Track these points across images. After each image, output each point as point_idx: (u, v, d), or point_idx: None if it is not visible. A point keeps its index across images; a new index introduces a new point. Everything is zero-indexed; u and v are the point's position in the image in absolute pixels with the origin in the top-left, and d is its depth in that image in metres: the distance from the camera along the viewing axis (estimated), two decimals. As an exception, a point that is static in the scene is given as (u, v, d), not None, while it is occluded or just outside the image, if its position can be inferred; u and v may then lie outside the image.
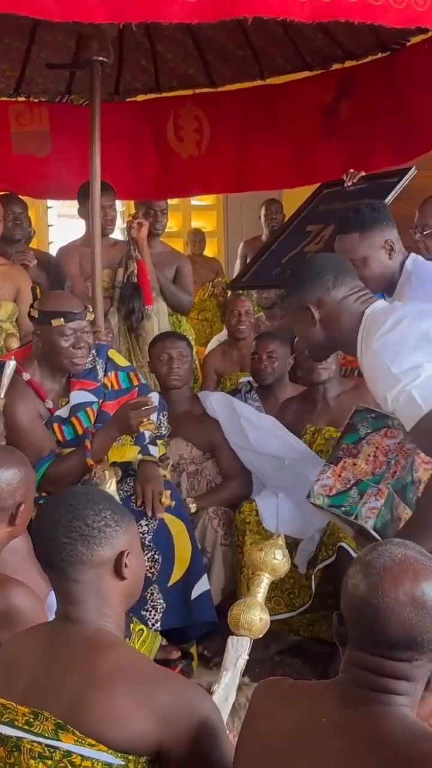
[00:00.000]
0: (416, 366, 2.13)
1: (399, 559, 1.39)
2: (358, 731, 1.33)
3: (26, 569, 2.17)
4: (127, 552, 1.60)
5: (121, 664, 1.50)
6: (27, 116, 4.61)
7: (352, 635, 1.41)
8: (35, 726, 1.46)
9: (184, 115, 4.76)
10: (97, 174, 3.72)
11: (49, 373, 3.05)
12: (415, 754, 1.28)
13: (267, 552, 2.04)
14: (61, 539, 1.56)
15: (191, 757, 1.48)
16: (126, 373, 3.20)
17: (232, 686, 1.92)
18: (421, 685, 1.40)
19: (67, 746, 1.43)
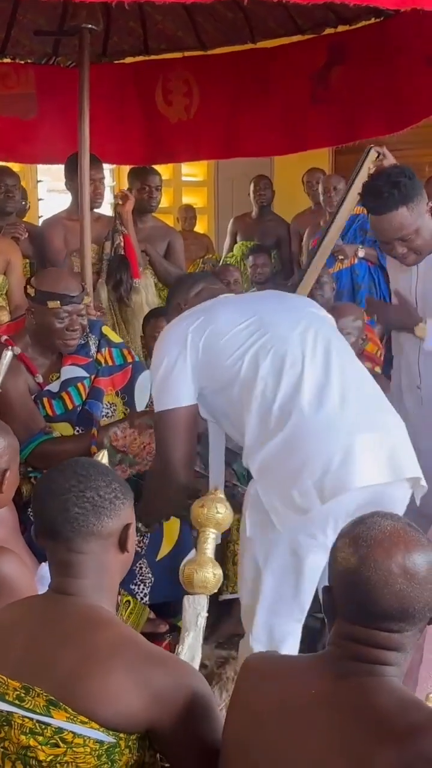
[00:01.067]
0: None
1: (389, 531, 1.41)
2: (348, 703, 1.35)
3: (13, 542, 2.18)
4: (131, 524, 1.61)
5: (117, 641, 1.51)
6: (13, 78, 4.53)
7: (343, 608, 1.42)
8: (26, 701, 1.47)
9: (173, 78, 4.70)
10: (86, 143, 3.67)
11: (39, 349, 3.04)
12: (405, 724, 1.30)
13: (209, 507, 2.05)
14: (73, 509, 1.55)
15: (182, 734, 1.49)
16: (119, 350, 3.19)
17: (196, 645, 1.93)
18: (410, 654, 1.42)
19: (59, 723, 1.44)
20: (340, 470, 2.11)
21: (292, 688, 1.42)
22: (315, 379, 2.24)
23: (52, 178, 6.39)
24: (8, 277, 3.80)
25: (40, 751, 1.44)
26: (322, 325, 2.46)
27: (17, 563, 1.95)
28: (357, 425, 2.19)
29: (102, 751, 1.45)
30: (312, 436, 2.16)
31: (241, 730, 1.43)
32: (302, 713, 1.37)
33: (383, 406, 2.34)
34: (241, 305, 2.45)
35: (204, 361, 2.31)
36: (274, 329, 2.33)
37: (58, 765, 1.45)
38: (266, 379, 2.24)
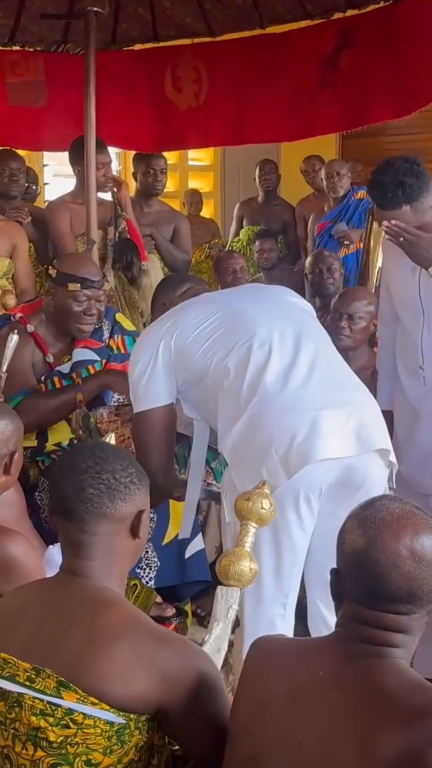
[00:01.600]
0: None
1: (397, 514, 1.41)
2: (355, 684, 1.35)
3: (21, 525, 2.19)
4: (145, 511, 1.62)
5: (125, 622, 1.51)
6: (22, 66, 4.53)
7: (350, 590, 1.42)
8: (37, 683, 1.47)
9: (182, 65, 4.67)
10: (92, 125, 3.68)
11: (54, 332, 3.06)
12: (412, 706, 1.30)
13: (254, 501, 2.01)
14: (88, 489, 1.56)
15: (191, 714, 1.49)
16: (132, 338, 3.21)
17: (224, 637, 1.91)
18: (418, 636, 1.42)
19: (69, 704, 1.44)
20: (304, 443, 2.11)
21: (300, 670, 1.42)
22: (282, 360, 2.25)
23: (58, 163, 6.38)
24: (14, 261, 3.80)
25: (50, 732, 1.45)
26: (295, 310, 2.47)
27: (25, 545, 1.96)
28: (323, 402, 2.19)
29: (112, 732, 1.45)
30: (276, 413, 2.17)
31: (249, 712, 1.44)
32: (310, 695, 1.38)
33: (353, 383, 2.34)
34: (211, 301, 2.48)
35: (178, 358, 2.35)
36: (242, 318, 2.35)
37: (68, 746, 1.45)
38: (235, 363, 2.26)
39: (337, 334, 3.30)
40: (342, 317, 3.36)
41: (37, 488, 2.99)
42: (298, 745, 1.35)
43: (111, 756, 1.46)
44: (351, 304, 3.37)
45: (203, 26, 4.53)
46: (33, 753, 1.47)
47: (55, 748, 1.46)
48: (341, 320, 3.35)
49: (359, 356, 3.39)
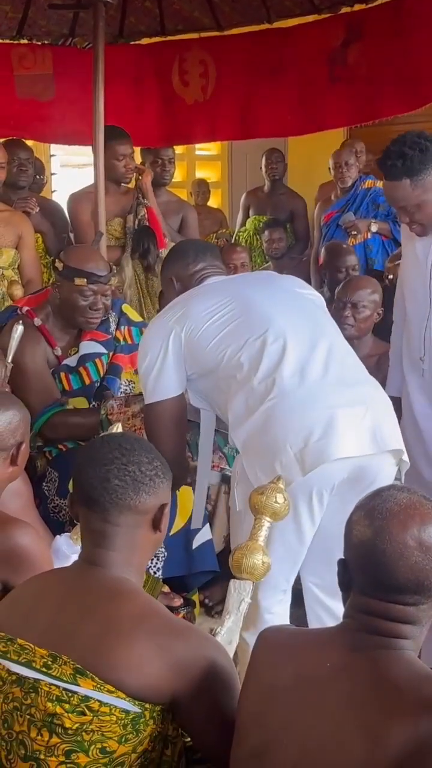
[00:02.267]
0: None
1: (404, 504, 1.40)
2: (363, 675, 1.35)
3: (28, 515, 2.19)
4: (167, 505, 1.62)
5: (141, 612, 1.51)
6: (30, 59, 4.52)
7: (358, 581, 1.42)
8: (53, 669, 1.48)
9: (190, 59, 4.66)
10: (100, 118, 3.68)
11: (60, 323, 3.06)
12: (420, 698, 1.29)
13: (268, 496, 2.01)
14: (114, 480, 1.56)
15: (203, 705, 1.50)
16: (139, 329, 3.22)
17: (236, 629, 1.92)
18: (426, 627, 1.42)
19: (86, 691, 1.45)
20: (320, 442, 2.12)
21: (308, 660, 1.42)
22: (297, 353, 2.25)
23: (65, 153, 6.37)
24: (20, 251, 3.79)
25: (66, 718, 1.46)
26: (307, 302, 2.47)
27: (33, 535, 1.95)
28: (339, 399, 2.19)
29: (127, 721, 1.46)
30: (293, 410, 2.17)
31: (256, 702, 1.44)
32: (317, 686, 1.37)
33: (367, 379, 2.34)
34: (222, 291, 2.44)
35: (188, 350, 2.34)
36: (254, 311, 2.34)
37: (83, 733, 1.46)
38: (249, 357, 2.26)
39: (341, 323, 3.29)
40: (346, 306, 3.35)
41: (45, 478, 3.00)
42: (306, 735, 1.35)
43: (126, 745, 1.47)
44: (355, 292, 3.37)
45: (211, 20, 4.53)
46: (48, 739, 1.48)
47: (70, 734, 1.47)
48: (345, 309, 3.35)
49: (363, 345, 3.39)
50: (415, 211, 2.61)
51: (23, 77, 4.51)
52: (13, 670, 1.51)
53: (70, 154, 6.26)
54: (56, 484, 2.95)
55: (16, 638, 1.53)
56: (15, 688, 1.51)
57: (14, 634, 1.54)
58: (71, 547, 2.12)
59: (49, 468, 3.01)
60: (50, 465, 3.02)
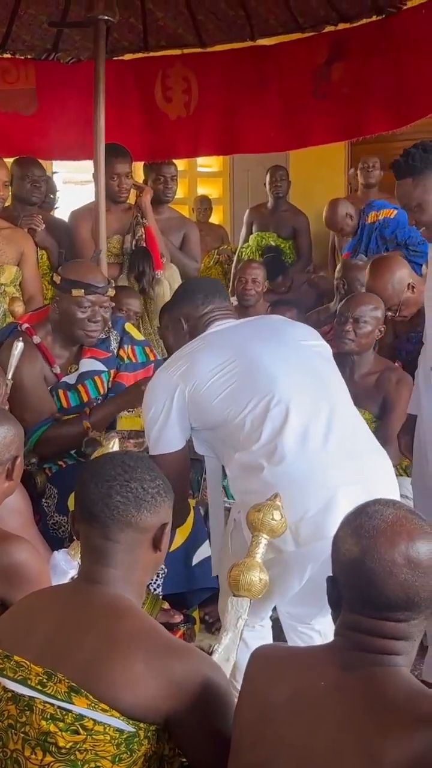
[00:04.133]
0: None
1: (391, 520, 1.40)
2: (357, 693, 1.35)
3: (28, 532, 2.18)
4: (168, 524, 1.62)
5: (139, 630, 1.51)
6: (13, 74, 4.54)
7: (347, 598, 1.42)
8: (48, 687, 1.47)
9: (173, 75, 4.69)
10: (101, 134, 3.71)
11: (61, 340, 3.06)
12: (414, 714, 1.30)
13: (265, 513, 2.04)
14: (116, 497, 1.57)
15: (198, 724, 1.49)
16: (142, 347, 3.24)
17: (233, 647, 1.94)
18: (417, 642, 1.42)
19: (80, 710, 1.44)
20: (317, 517, 2.12)
21: (302, 679, 1.42)
22: (300, 418, 2.24)
23: (68, 170, 6.36)
24: (22, 268, 3.81)
25: (59, 737, 1.45)
26: (313, 356, 2.45)
27: (31, 551, 1.96)
28: (338, 476, 2.19)
29: (121, 740, 1.45)
30: (292, 482, 2.17)
31: (251, 721, 1.43)
32: (312, 704, 1.37)
33: (367, 446, 2.33)
34: (226, 344, 2.42)
35: (192, 406, 2.34)
36: (258, 369, 2.32)
37: (77, 752, 1.45)
38: (252, 419, 2.25)
39: (341, 338, 3.31)
40: (347, 321, 3.37)
41: (44, 495, 3.00)
42: (302, 754, 1.35)
43: (119, 764, 1.46)
44: (357, 308, 3.39)
45: (194, 37, 4.55)
46: (42, 758, 1.47)
47: (63, 753, 1.46)
48: (346, 324, 3.36)
49: (364, 361, 3.41)
50: (417, 211, 2.62)
51: (6, 91, 4.51)
52: (9, 687, 1.50)
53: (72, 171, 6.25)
54: (55, 501, 2.94)
55: (12, 655, 1.53)
56: (10, 705, 1.50)
57: (11, 651, 1.53)
58: (69, 563, 2.13)
59: (49, 484, 3.00)
60: (50, 481, 3.01)
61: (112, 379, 3.16)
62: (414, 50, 3.88)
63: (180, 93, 4.69)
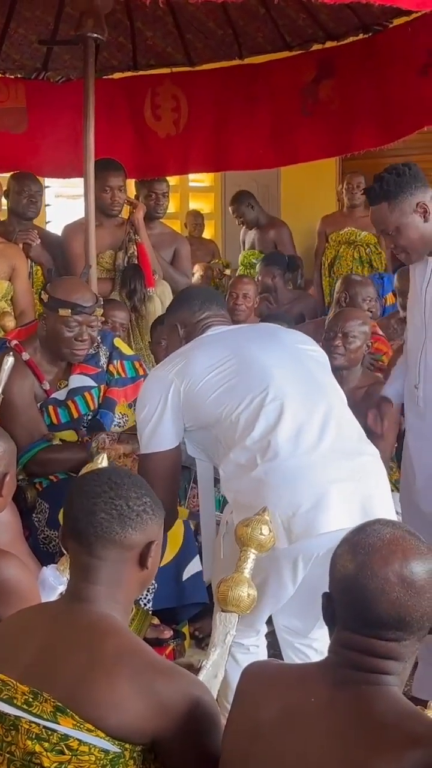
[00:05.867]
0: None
1: (387, 539, 1.40)
2: (347, 711, 1.34)
3: (17, 548, 2.19)
4: (156, 543, 1.61)
5: (124, 650, 1.50)
6: (3, 92, 4.57)
7: (341, 615, 1.41)
8: (34, 706, 1.46)
9: (162, 93, 4.73)
10: (90, 151, 3.74)
11: (49, 356, 3.07)
12: (403, 734, 1.29)
13: (253, 528, 2.04)
14: (100, 513, 1.56)
15: (186, 744, 1.48)
16: (131, 362, 3.25)
17: (221, 662, 1.94)
18: (409, 663, 1.42)
19: (65, 730, 1.43)
20: (309, 513, 2.14)
21: (292, 696, 1.41)
22: (294, 416, 2.25)
23: (59, 184, 6.39)
24: (14, 282, 3.84)
25: (45, 757, 1.44)
26: (307, 360, 2.47)
27: (19, 567, 1.96)
28: (331, 473, 2.20)
29: (107, 761, 1.44)
30: (285, 479, 2.18)
31: (241, 737, 1.43)
32: (302, 721, 1.36)
33: (361, 446, 2.34)
34: (222, 344, 2.44)
35: (186, 404, 2.34)
36: (254, 368, 2.34)
37: None
38: (246, 417, 2.26)
39: (331, 353, 3.33)
40: (336, 336, 3.40)
41: (35, 510, 3.00)
42: None
43: None
44: (346, 323, 3.42)
45: (183, 56, 4.60)
46: None
47: None
48: (335, 339, 3.39)
49: (352, 376, 3.43)
50: (395, 235, 2.64)
51: (-3, 110, 4.55)
52: None
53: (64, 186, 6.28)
54: (46, 515, 2.94)
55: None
56: None
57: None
58: (58, 579, 2.12)
59: (39, 499, 3.00)
60: (40, 496, 3.01)
61: (102, 395, 3.17)
62: (400, 67, 3.93)
63: (169, 111, 4.74)
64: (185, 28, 4.39)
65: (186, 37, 4.46)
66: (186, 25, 4.37)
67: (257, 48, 4.48)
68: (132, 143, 4.80)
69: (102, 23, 3.66)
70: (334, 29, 4.16)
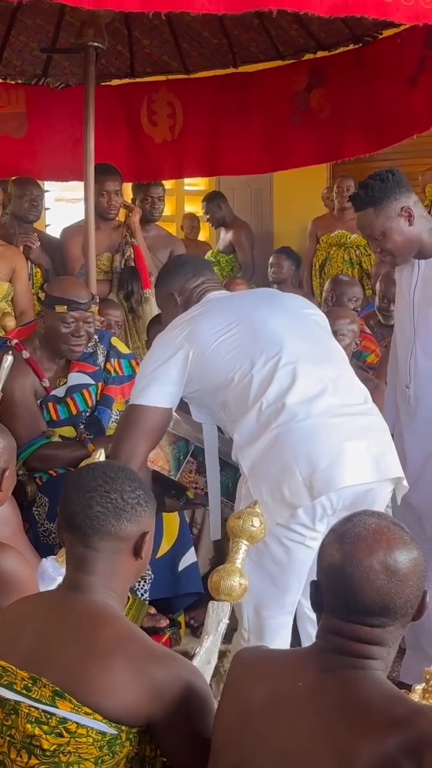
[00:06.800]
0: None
1: (372, 529, 1.45)
2: (333, 695, 1.39)
3: (16, 541, 2.23)
4: (149, 533, 1.66)
5: (120, 637, 1.55)
6: (4, 98, 4.62)
7: (328, 602, 1.46)
8: (33, 691, 1.51)
9: (158, 100, 4.79)
10: (91, 156, 3.79)
11: (48, 354, 3.14)
12: (387, 716, 1.34)
13: (245, 520, 2.09)
14: (96, 507, 1.61)
15: (179, 728, 1.53)
16: (128, 361, 3.31)
17: (214, 649, 1.98)
18: (393, 649, 1.46)
19: (64, 713, 1.48)
20: (328, 470, 2.20)
21: (281, 681, 1.46)
22: (307, 379, 2.30)
23: (60, 187, 6.43)
24: (14, 284, 3.90)
25: (44, 740, 1.49)
26: (312, 325, 2.52)
27: (18, 559, 2.00)
28: (346, 431, 2.27)
29: (104, 742, 1.49)
30: (301, 438, 2.23)
31: (231, 722, 1.47)
32: (290, 706, 1.41)
33: (370, 408, 2.42)
34: (226, 309, 2.46)
35: (196, 368, 2.35)
36: (264, 331, 2.37)
37: (61, 755, 1.49)
38: (260, 378, 2.29)
39: None
40: None
41: (35, 503, 3.04)
42: (279, 754, 1.38)
43: (102, 766, 1.50)
44: (335, 321, 3.46)
45: (179, 64, 4.65)
46: (27, 760, 1.51)
47: (48, 756, 1.50)
48: None
49: None
50: (382, 240, 2.70)
51: (-3, 115, 4.61)
52: None
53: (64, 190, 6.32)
54: (46, 509, 2.99)
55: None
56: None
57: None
58: (57, 570, 2.16)
59: (39, 493, 3.05)
60: (40, 490, 3.06)
61: (99, 392, 3.23)
62: (389, 78, 3.98)
63: (165, 117, 4.79)
64: (181, 37, 4.44)
65: (182, 46, 4.51)
66: (182, 35, 4.42)
67: (251, 57, 4.54)
68: (128, 148, 4.85)
69: (102, 32, 3.71)
70: (325, 40, 4.22)
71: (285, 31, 4.24)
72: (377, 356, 4.04)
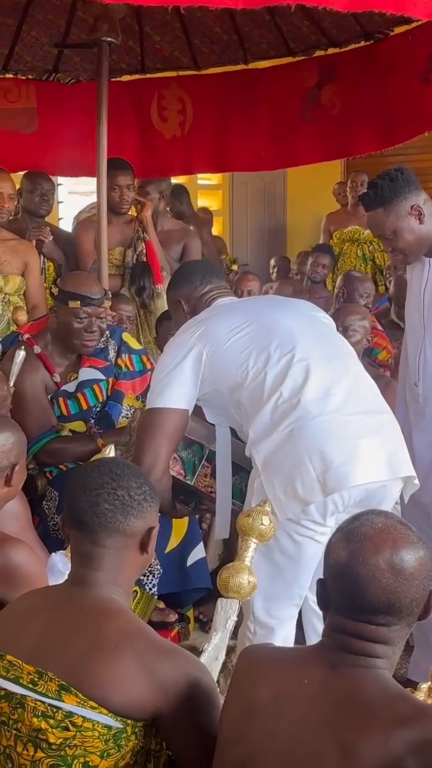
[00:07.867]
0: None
1: (379, 528, 1.45)
2: (338, 693, 1.39)
3: (26, 536, 2.23)
4: (155, 528, 1.68)
5: (127, 631, 1.56)
6: (15, 93, 4.63)
7: (334, 601, 1.47)
8: (39, 685, 1.52)
9: (168, 96, 4.80)
10: (103, 151, 3.80)
11: (60, 349, 3.15)
12: (392, 715, 1.34)
13: (254, 518, 2.11)
14: (103, 504, 1.62)
15: (185, 723, 1.54)
16: (139, 356, 3.33)
17: (222, 646, 1.99)
18: (399, 648, 1.46)
19: (70, 707, 1.49)
20: (342, 467, 2.22)
21: (286, 678, 1.46)
22: (321, 376, 2.32)
23: (72, 181, 6.44)
24: (26, 278, 3.91)
25: (50, 733, 1.50)
26: (322, 326, 2.55)
27: (29, 554, 2.01)
28: (360, 429, 2.28)
29: (109, 736, 1.50)
30: (315, 435, 2.25)
31: (236, 719, 1.47)
32: (296, 702, 1.41)
33: (381, 406, 2.44)
34: (237, 311, 2.49)
35: (210, 367, 2.37)
36: (277, 329, 2.39)
37: (67, 748, 1.50)
38: (274, 374, 2.31)
39: None
40: (337, 330, 3.47)
41: (45, 497, 3.06)
42: (284, 751, 1.39)
43: (108, 759, 1.51)
44: (346, 317, 3.49)
45: (189, 60, 4.65)
46: (33, 754, 1.52)
47: (54, 749, 1.51)
48: None
49: None
50: (393, 239, 2.72)
51: (7, 110, 4.61)
52: (2, 685, 1.56)
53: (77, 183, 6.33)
54: (56, 503, 3.02)
55: (5, 654, 1.58)
56: (3, 703, 1.56)
57: (4, 650, 1.59)
58: (66, 565, 2.17)
59: (50, 487, 3.08)
60: (50, 484, 3.08)
61: (110, 387, 3.25)
62: (401, 74, 3.98)
63: (175, 113, 4.80)
64: (192, 33, 4.45)
65: (193, 42, 4.51)
66: (193, 31, 4.43)
67: (261, 53, 4.54)
68: (138, 144, 4.86)
69: (116, 27, 3.71)
70: (336, 36, 4.22)
71: (296, 27, 4.23)
72: (389, 353, 4.05)
